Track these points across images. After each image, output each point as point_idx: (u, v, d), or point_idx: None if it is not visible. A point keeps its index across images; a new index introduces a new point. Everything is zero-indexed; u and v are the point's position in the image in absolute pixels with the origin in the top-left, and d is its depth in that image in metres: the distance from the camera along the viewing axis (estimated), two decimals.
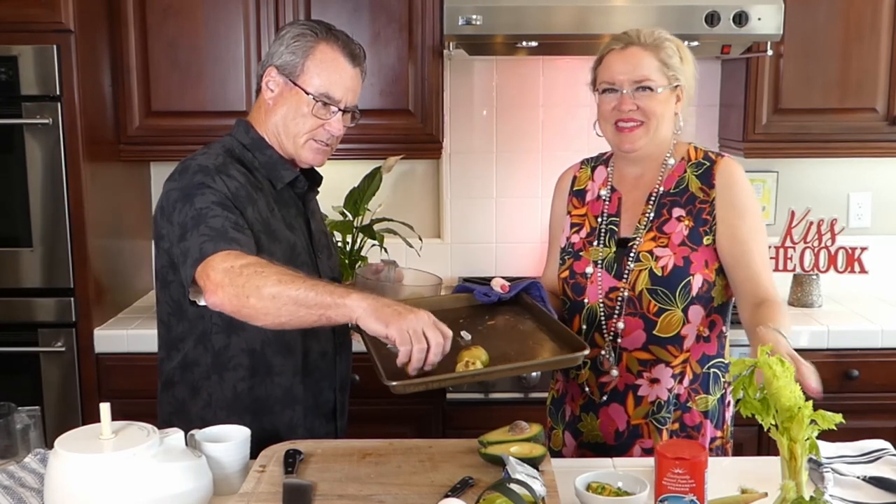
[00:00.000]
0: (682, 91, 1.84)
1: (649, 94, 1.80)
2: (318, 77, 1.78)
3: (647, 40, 1.82)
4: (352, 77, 1.82)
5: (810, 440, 1.37)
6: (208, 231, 1.62)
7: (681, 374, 1.84)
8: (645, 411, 1.85)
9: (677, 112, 1.86)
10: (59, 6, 2.58)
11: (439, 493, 1.46)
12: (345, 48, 1.80)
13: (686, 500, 1.33)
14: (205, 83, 2.87)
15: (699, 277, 1.81)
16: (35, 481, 1.55)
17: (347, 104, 1.82)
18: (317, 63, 1.78)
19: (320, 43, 1.79)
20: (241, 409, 1.80)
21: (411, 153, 2.96)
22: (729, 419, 1.91)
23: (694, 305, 1.82)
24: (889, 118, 2.89)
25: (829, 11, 2.84)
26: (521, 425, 1.63)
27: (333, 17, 2.84)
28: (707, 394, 1.85)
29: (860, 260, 2.97)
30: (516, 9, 2.63)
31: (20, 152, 2.64)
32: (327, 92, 1.79)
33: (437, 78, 2.90)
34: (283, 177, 1.84)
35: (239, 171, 1.78)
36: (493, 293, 1.84)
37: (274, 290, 1.50)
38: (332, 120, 1.81)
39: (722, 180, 1.84)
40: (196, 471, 1.48)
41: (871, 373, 2.75)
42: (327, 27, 1.82)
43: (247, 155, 1.83)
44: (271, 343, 1.79)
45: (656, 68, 1.81)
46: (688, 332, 1.83)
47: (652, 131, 1.83)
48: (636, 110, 1.82)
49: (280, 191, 1.85)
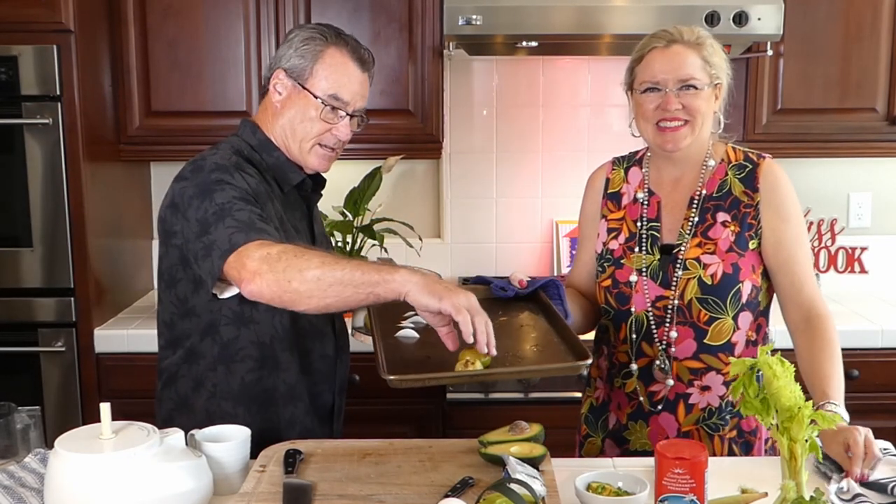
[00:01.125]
0: (721, 89, 1.83)
1: (694, 92, 1.78)
2: (326, 80, 1.79)
3: (690, 38, 1.80)
4: (360, 82, 1.82)
5: (810, 440, 1.37)
6: (235, 223, 1.60)
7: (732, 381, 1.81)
8: (696, 418, 1.82)
9: (716, 111, 1.84)
10: (59, 6, 2.58)
11: (439, 493, 1.46)
12: (354, 53, 1.81)
13: (686, 500, 1.33)
14: (205, 83, 2.87)
15: (748, 284, 1.79)
16: (35, 481, 1.55)
17: (356, 108, 1.82)
18: (326, 67, 1.79)
19: (330, 47, 1.79)
20: (247, 399, 1.80)
21: (411, 153, 2.96)
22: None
23: (744, 312, 1.79)
24: (889, 118, 2.89)
25: (829, 11, 2.84)
26: (521, 425, 1.63)
27: (333, 17, 2.84)
28: None
29: (860, 260, 2.97)
30: (516, 9, 2.63)
31: (20, 152, 2.64)
32: (336, 94, 1.79)
33: (437, 78, 2.90)
34: (290, 179, 1.84)
35: (248, 172, 1.77)
36: (510, 288, 1.81)
37: (317, 273, 1.50)
38: (339, 124, 1.81)
39: (766, 184, 1.81)
40: (196, 471, 1.48)
41: (871, 373, 2.75)
42: (336, 31, 1.82)
43: (255, 156, 1.83)
44: (280, 338, 1.79)
45: (700, 66, 1.79)
46: (738, 338, 1.80)
47: (697, 130, 1.80)
48: (681, 109, 1.78)
49: (287, 193, 1.86)
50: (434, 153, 2.99)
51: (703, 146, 1.85)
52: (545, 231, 3.26)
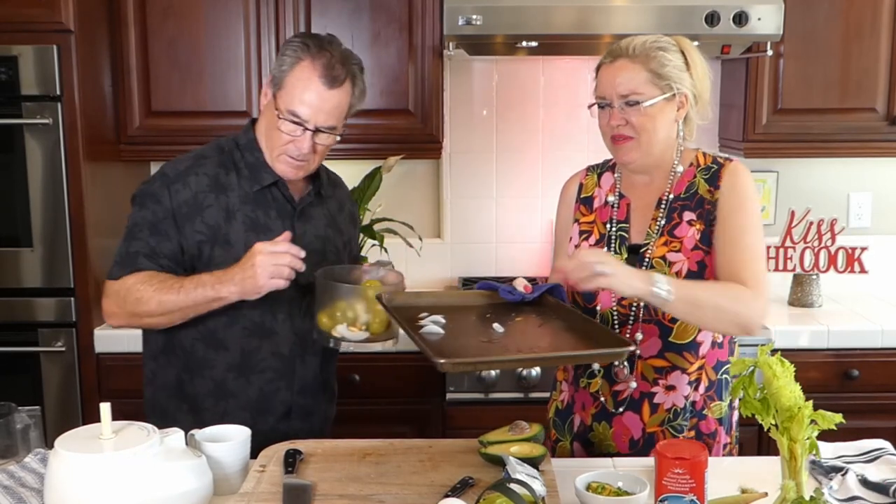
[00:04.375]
0: (686, 98, 1.79)
1: (637, 108, 1.76)
2: (289, 94, 1.80)
3: (637, 51, 1.77)
4: (325, 98, 1.80)
5: (810, 440, 1.37)
6: (121, 254, 1.87)
7: (697, 381, 1.81)
8: (661, 419, 1.82)
9: (679, 119, 1.81)
10: (59, 6, 2.58)
11: (439, 493, 1.46)
12: (325, 69, 1.79)
13: (686, 500, 1.33)
14: (205, 83, 2.87)
15: None
16: (35, 481, 1.55)
17: (318, 124, 1.81)
18: (293, 80, 1.80)
19: (304, 60, 1.80)
20: (180, 394, 1.92)
21: (411, 153, 2.96)
22: (735, 423, 1.89)
23: None
24: (889, 118, 2.89)
25: (829, 11, 2.84)
26: (521, 425, 1.63)
27: (333, 17, 2.84)
28: (720, 400, 1.83)
29: (860, 260, 2.97)
30: (516, 9, 2.63)
31: (20, 152, 2.64)
32: (293, 111, 1.80)
33: (437, 78, 2.90)
34: (261, 179, 1.89)
35: (206, 175, 1.88)
36: (517, 292, 1.82)
37: (155, 305, 1.79)
38: (299, 138, 1.82)
39: (727, 181, 1.80)
40: (196, 471, 1.48)
41: (871, 373, 2.75)
42: (321, 44, 1.82)
43: (236, 154, 1.91)
44: (205, 338, 1.88)
45: (645, 80, 1.76)
46: (703, 338, 1.81)
47: (644, 145, 1.79)
48: (626, 125, 1.78)
49: (261, 192, 1.89)
50: (434, 153, 2.99)
51: (666, 154, 1.83)
52: (545, 231, 3.25)
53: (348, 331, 1.73)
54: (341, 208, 2.06)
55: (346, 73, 1.82)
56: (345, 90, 1.83)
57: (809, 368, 2.70)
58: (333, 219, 2.02)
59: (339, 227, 2.03)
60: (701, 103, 1.82)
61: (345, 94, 1.83)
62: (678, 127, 1.82)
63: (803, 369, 1.67)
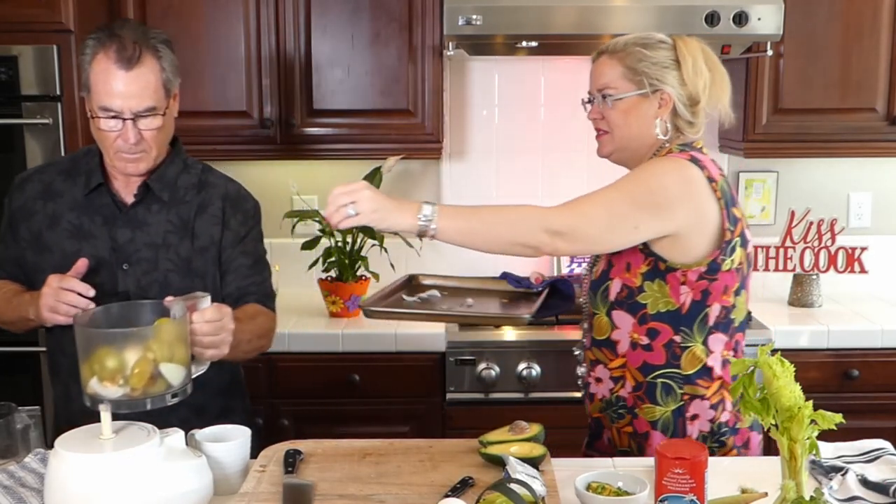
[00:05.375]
0: (669, 96, 1.77)
1: (608, 102, 1.79)
2: (95, 92, 1.77)
3: (618, 47, 1.79)
4: (128, 82, 1.74)
5: (810, 440, 1.37)
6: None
7: (621, 379, 1.81)
8: (598, 407, 1.87)
9: (661, 117, 1.78)
10: (59, 6, 2.58)
11: (439, 493, 1.46)
12: (118, 52, 1.74)
13: (686, 500, 1.33)
14: (205, 83, 2.87)
15: (618, 282, 1.77)
16: (35, 481, 1.55)
17: (134, 110, 1.75)
18: (94, 76, 1.77)
19: (99, 52, 1.76)
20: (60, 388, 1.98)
21: (411, 153, 2.96)
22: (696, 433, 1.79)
23: (616, 311, 1.78)
24: (889, 118, 2.89)
25: (829, 11, 2.84)
26: (521, 425, 1.63)
27: (333, 18, 2.85)
28: (654, 404, 1.78)
29: (860, 260, 2.97)
30: (516, 9, 2.63)
31: (20, 152, 2.64)
32: (104, 105, 1.75)
33: (437, 78, 2.90)
34: (90, 183, 1.88)
35: (42, 181, 1.91)
36: (524, 281, 1.91)
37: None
38: (123, 131, 1.77)
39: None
40: (196, 471, 1.48)
41: (871, 373, 2.75)
42: (111, 32, 1.77)
43: (83, 160, 1.92)
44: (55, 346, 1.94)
45: (619, 75, 1.77)
46: (619, 337, 1.79)
47: (617, 140, 1.81)
48: (601, 119, 1.81)
49: (90, 197, 1.88)
50: (434, 153, 2.99)
51: (641, 152, 1.82)
52: None
53: (101, 386, 1.48)
54: (203, 210, 1.91)
55: (142, 49, 1.75)
56: (147, 67, 1.76)
57: (809, 368, 2.70)
58: (184, 224, 1.89)
59: (194, 231, 1.90)
60: (694, 104, 1.79)
61: (149, 71, 1.76)
62: (665, 125, 1.79)
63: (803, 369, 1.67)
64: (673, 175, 1.71)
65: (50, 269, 1.82)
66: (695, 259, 1.72)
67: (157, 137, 1.82)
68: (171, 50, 1.83)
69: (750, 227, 1.83)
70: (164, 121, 1.81)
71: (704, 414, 1.77)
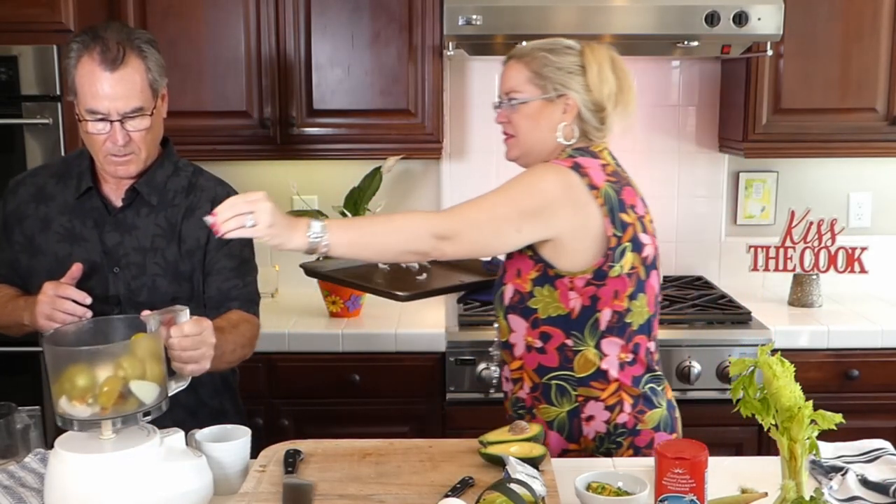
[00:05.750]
0: (571, 101, 1.77)
1: (512, 106, 1.82)
2: (82, 95, 1.77)
3: (524, 52, 1.81)
4: (113, 83, 1.74)
5: (810, 440, 1.37)
6: None
7: (519, 380, 1.85)
8: (511, 404, 1.90)
9: (565, 122, 1.79)
10: (59, 6, 2.58)
11: (439, 493, 1.46)
12: (102, 54, 1.73)
13: (686, 500, 1.33)
14: (205, 83, 2.87)
15: (510, 287, 1.81)
16: (35, 481, 1.55)
17: (121, 111, 1.75)
18: (80, 80, 1.77)
19: (84, 55, 1.76)
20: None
21: (411, 153, 2.96)
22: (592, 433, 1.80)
23: (511, 314, 1.81)
24: (889, 118, 2.89)
25: (829, 11, 2.84)
26: (521, 425, 1.63)
27: (333, 17, 2.85)
28: (550, 405, 1.81)
29: (860, 260, 2.97)
30: (516, 9, 2.63)
31: (20, 152, 2.64)
32: (91, 108, 1.75)
33: (437, 78, 2.90)
34: (80, 186, 1.88)
35: (35, 184, 1.91)
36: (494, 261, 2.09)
37: None
38: (111, 133, 1.77)
39: None
40: (196, 471, 1.48)
41: (871, 373, 2.75)
42: (94, 34, 1.76)
43: (75, 163, 1.92)
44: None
45: (525, 79, 1.80)
46: (515, 340, 1.83)
47: (522, 144, 1.83)
48: (507, 123, 1.84)
49: (81, 200, 1.88)
50: (434, 153, 2.99)
51: (545, 155, 1.82)
52: None
53: (70, 406, 1.45)
54: (190, 213, 1.90)
55: (126, 49, 1.75)
56: (132, 67, 1.76)
57: (809, 368, 2.70)
58: (172, 227, 1.88)
59: (181, 235, 1.89)
60: (600, 110, 1.79)
61: (134, 71, 1.76)
62: (571, 130, 1.80)
63: (803, 369, 1.67)
64: (552, 180, 1.73)
65: (43, 272, 1.82)
66: (580, 266, 1.74)
67: (146, 138, 1.81)
68: (157, 50, 1.83)
69: (652, 232, 1.81)
70: (152, 121, 1.81)
71: (600, 415, 1.80)
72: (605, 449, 1.80)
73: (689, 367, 2.67)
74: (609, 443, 1.80)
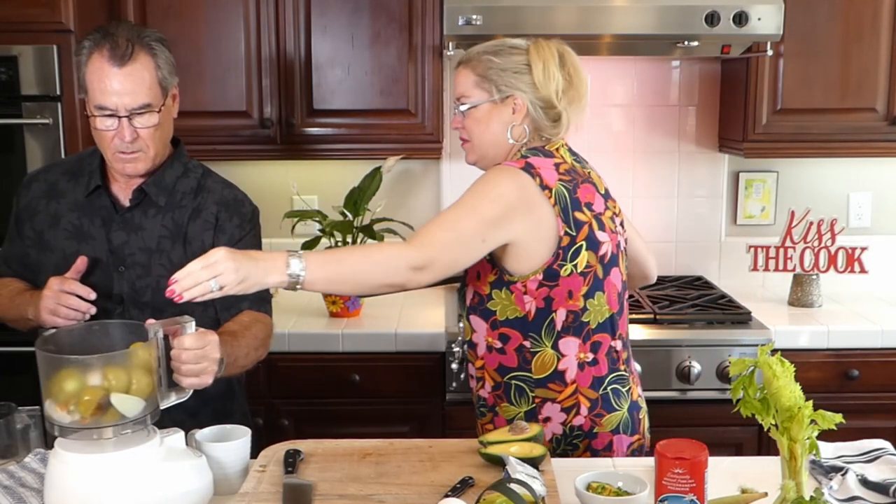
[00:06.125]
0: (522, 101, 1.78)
1: (462, 111, 1.83)
2: (91, 91, 1.78)
3: (470, 56, 1.82)
4: (122, 79, 1.75)
5: (810, 440, 1.37)
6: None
7: (482, 379, 1.87)
8: (475, 401, 1.92)
9: (516, 122, 1.79)
10: (59, 6, 2.58)
11: (439, 493, 1.46)
12: (111, 51, 1.74)
13: (686, 500, 1.33)
14: (205, 83, 2.87)
15: (471, 289, 1.84)
16: (35, 481, 1.55)
17: (129, 107, 1.76)
18: (90, 76, 1.78)
19: (94, 53, 1.77)
20: None
21: (411, 153, 2.96)
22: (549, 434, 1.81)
23: (472, 315, 1.85)
24: (889, 118, 2.89)
25: (829, 11, 2.84)
26: (521, 425, 1.63)
27: (333, 17, 2.85)
28: (510, 404, 1.83)
29: (860, 260, 2.97)
30: (516, 9, 2.63)
31: (20, 152, 2.64)
32: (100, 104, 1.76)
33: (437, 78, 2.90)
34: (89, 184, 1.89)
35: (47, 181, 1.93)
36: None
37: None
38: (119, 129, 1.77)
39: None
40: (196, 471, 1.48)
41: (871, 373, 2.75)
42: (105, 32, 1.78)
43: (88, 160, 1.92)
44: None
45: (472, 84, 1.81)
46: (477, 340, 1.85)
47: (477, 148, 1.85)
48: (462, 129, 1.86)
49: (91, 198, 1.89)
50: (434, 153, 2.99)
51: (500, 157, 1.83)
52: None
53: (54, 410, 1.44)
54: (196, 215, 1.90)
55: (135, 46, 1.76)
56: (141, 63, 1.76)
57: (809, 368, 2.70)
58: (178, 229, 1.89)
59: (186, 236, 1.89)
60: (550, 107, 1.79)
61: (143, 68, 1.77)
62: (522, 129, 1.81)
63: (803, 369, 1.67)
64: (506, 184, 1.73)
65: (51, 267, 1.83)
66: (530, 268, 1.74)
67: (154, 136, 1.81)
68: (168, 48, 1.83)
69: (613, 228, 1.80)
70: (161, 119, 1.81)
71: (556, 417, 1.81)
72: (562, 450, 1.82)
73: (689, 367, 2.67)
74: (566, 444, 1.82)
